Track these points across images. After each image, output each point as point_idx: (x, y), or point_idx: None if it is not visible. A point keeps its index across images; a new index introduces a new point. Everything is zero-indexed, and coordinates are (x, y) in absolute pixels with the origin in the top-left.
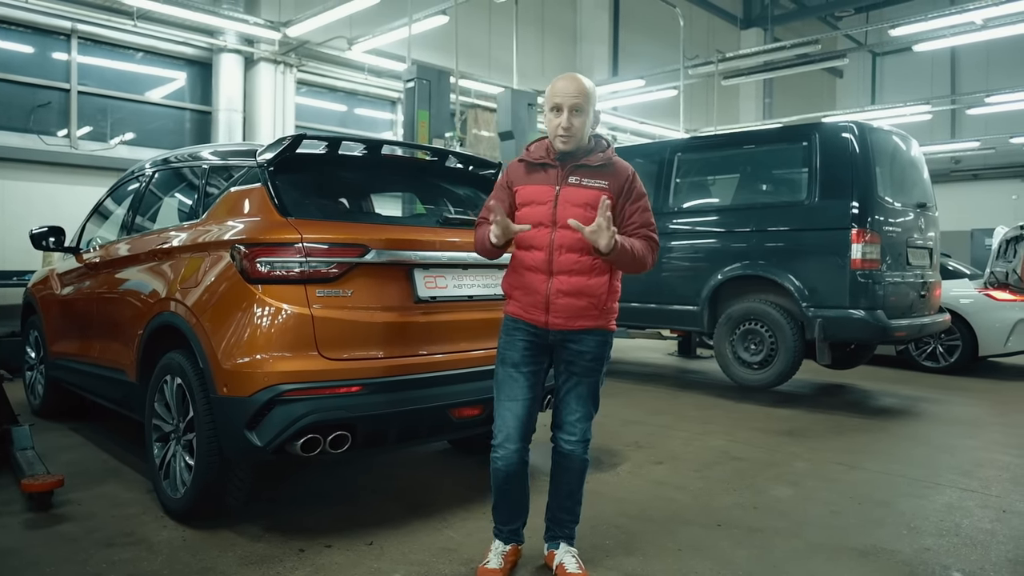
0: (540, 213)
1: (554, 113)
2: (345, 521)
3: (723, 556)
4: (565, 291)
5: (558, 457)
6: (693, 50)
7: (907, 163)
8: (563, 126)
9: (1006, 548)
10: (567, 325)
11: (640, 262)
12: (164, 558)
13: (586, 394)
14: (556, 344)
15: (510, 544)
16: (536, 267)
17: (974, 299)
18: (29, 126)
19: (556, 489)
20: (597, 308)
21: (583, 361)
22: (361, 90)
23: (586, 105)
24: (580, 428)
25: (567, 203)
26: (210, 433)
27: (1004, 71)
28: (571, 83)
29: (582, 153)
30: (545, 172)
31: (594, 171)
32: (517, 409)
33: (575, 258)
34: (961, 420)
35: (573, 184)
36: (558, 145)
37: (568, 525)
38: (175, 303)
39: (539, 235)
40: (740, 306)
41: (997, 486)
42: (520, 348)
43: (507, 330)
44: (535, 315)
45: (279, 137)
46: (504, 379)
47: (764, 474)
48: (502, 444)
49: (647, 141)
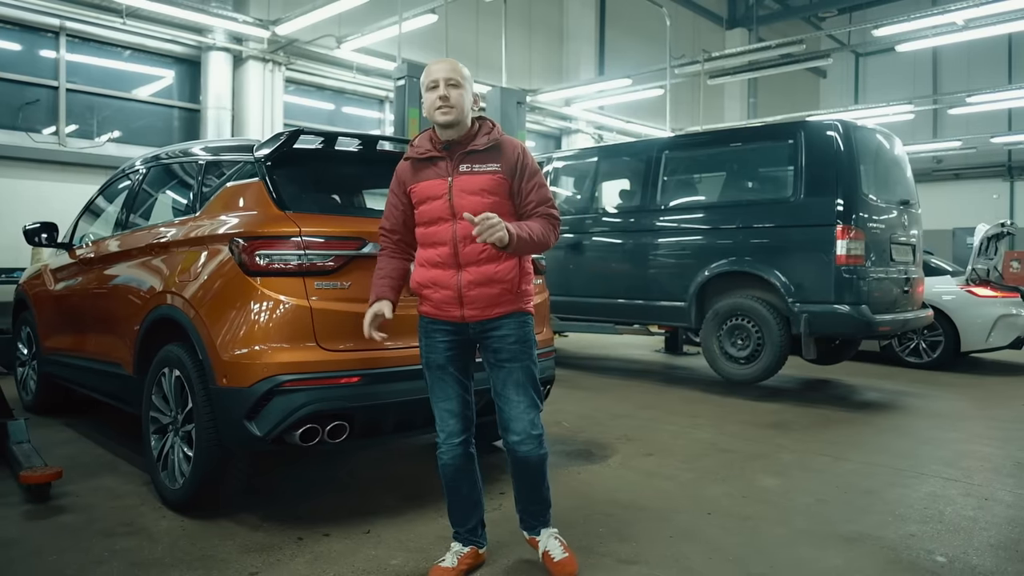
0: (437, 208)
1: (430, 90)
2: (342, 510)
3: (714, 542)
4: (476, 282)
5: (515, 461)
6: (679, 50)
7: (891, 161)
8: (440, 95)
9: (988, 534)
10: (484, 315)
11: (542, 244)
12: (165, 546)
13: (523, 379)
14: (477, 337)
15: (468, 546)
16: (443, 262)
17: (956, 295)
18: (17, 123)
19: (520, 487)
20: (511, 292)
21: (508, 345)
22: (349, 88)
23: (462, 81)
24: (526, 421)
25: (462, 192)
26: (209, 424)
27: (985, 71)
28: (445, 63)
29: (468, 138)
30: (435, 165)
31: (483, 155)
32: (453, 407)
33: (480, 247)
34: (944, 413)
35: (465, 172)
36: (438, 117)
37: (542, 513)
38: (173, 296)
39: (441, 230)
40: (727, 302)
41: (979, 476)
42: (442, 349)
43: (425, 332)
44: (450, 311)
45: (276, 132)
46: (434, 382)
47: (752, 465)
48: (445, 441)
49: (633, 140)
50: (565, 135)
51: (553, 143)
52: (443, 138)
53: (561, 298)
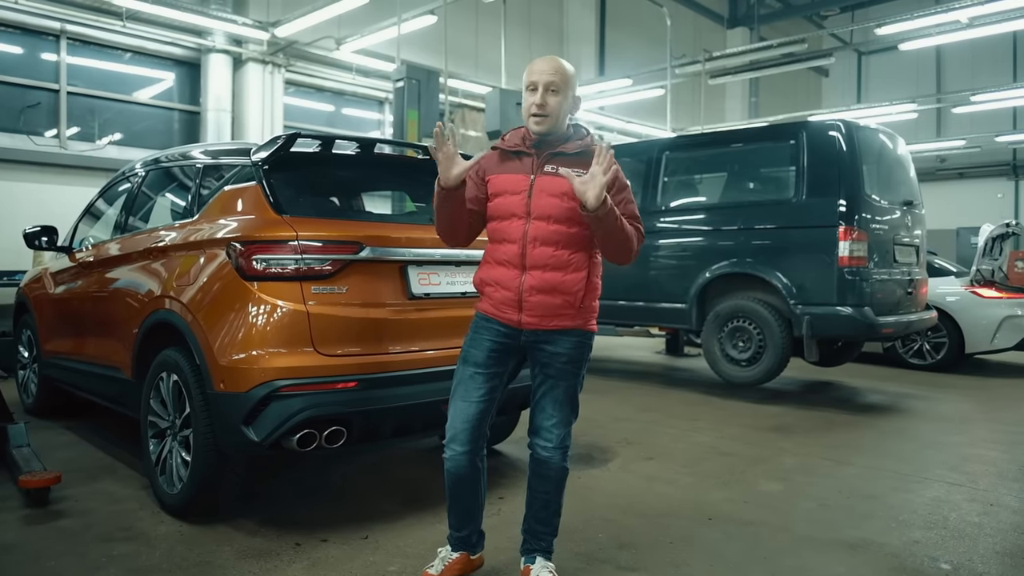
0: (514, 203)
1: (529, 92)
2: (340, 516)
3: (715, 549)
4: (539, 287)
5: (534, 464)
6: (679, 49)
7: (894, 161)
8: (536, 103)
9: (993, 540)
10: (541, 325)
11: (627, 242)
12: (162, 552)
13: (562, 398)
14: (529, 345)
15: (458, 552)
16: (508, 261)
17: (960, 296)
18: (19, 126)
19: (532, 498)
20: (573, 307)
21: (558, 363)
22: (349, 90)
23: (563, 86)
24: (556, 434)
25: (542, 192)
26: (207, 428)
27: (989, 70)
28: (548, 63)
29: (559, 140)
30: (520, 161)
31: (572, 159)
32: (469, 411)
33: (550, 252)
34: (948, 416)
35: (549, 173)
36: (531, 126)
37: (544, 538)
38: (171, 300)
39: (512, 227)
40: (728, 303)
41: (984, 480)
42: (486, 349)
43: (475, 328)
44: (508, 313)
45: (273, 136)
46: (463, 379)
47: (753, 469)
48: (449, 445)
49: (634, 140)
50: None
51: None
52: (534, 134)
53: None
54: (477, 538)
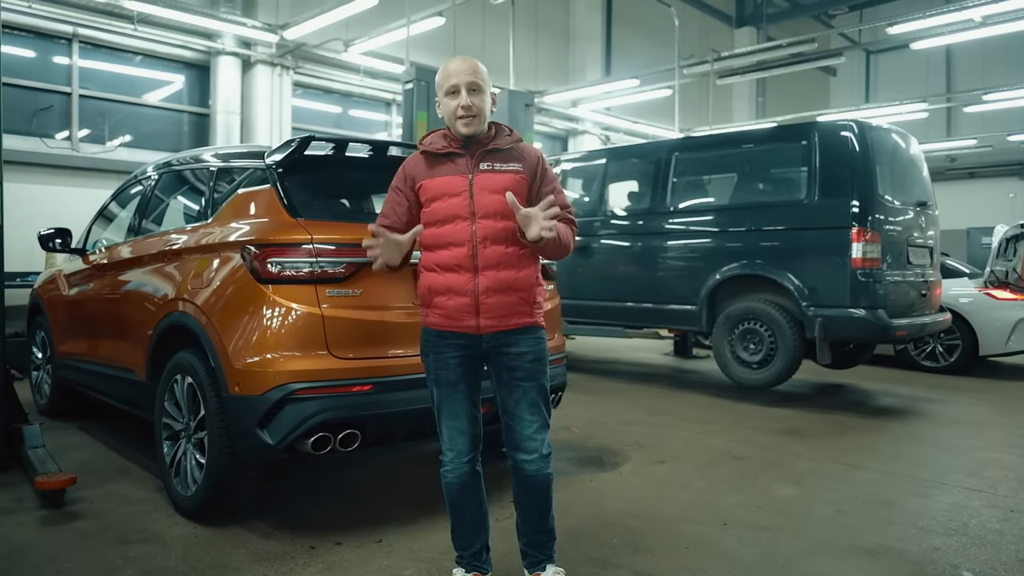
0: (455, 205)
1: (451, 96)
2: (353, 519)
3: (731, 554)
4: (494, 288)
5: (521, 480)
6: (686, 49)
7: (907, 161)
8: (463, 105)
9: (1016, 548)
10: (500, 326)
11: (565, 246)
12: (178, 554)
13: (537, 398)
14: (490, 352)
15: (472, 573)
16: (459, 265)
17: (974, 298)
18: (32, 129)
19: (525, 514)
20: (528, 303)
21: (525, 363)
22: (357, 92)
23: (483, 84)
24: (538, 441)
25: (484, 191)
26: (222, 431)
27: (1001, 68)
28: (464, 63)
29: (488, 138)
30: (452, 162)
31: (505, 155)
32: (463, 425)
33: (502, 250)
34: (963, 420)
35: (486, 170)
36: (460, 128)
37: (547, 545)
38: (185, 303)
39: (457, 229)
40: (739, 305)
41: (1004, 486)
42: (454, 366)
43: (434, 347)
44: (465, 321)
45: (288, 139)
46: (443, 400)
47: (767, 473)
48: (453, 460)
49: (642, 141)
50: (571, 136)
51: (559, 144)
52: (464, 136)
53: (569, 301)
54: (486, 554)
